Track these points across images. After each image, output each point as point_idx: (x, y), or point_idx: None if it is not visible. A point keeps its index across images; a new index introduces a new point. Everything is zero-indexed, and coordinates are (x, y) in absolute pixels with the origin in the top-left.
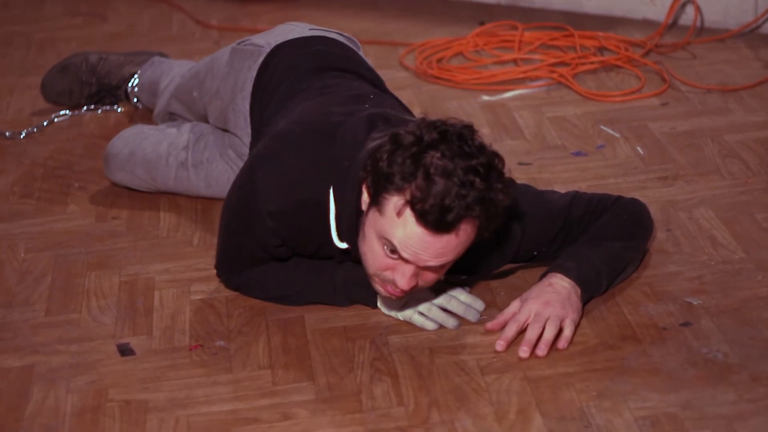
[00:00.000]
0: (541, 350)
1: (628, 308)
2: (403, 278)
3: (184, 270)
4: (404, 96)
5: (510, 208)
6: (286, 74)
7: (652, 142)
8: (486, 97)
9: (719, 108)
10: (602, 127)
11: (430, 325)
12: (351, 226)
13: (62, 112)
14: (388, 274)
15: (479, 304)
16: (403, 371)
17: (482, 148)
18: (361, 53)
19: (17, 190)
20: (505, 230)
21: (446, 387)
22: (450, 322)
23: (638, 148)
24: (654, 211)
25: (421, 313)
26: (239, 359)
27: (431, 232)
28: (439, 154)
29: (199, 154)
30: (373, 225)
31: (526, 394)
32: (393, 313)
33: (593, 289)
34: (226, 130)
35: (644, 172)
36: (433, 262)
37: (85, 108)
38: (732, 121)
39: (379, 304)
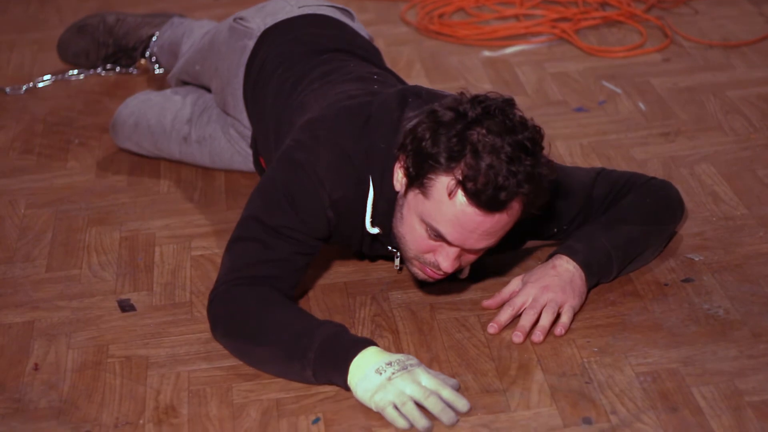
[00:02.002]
0: (537, 336)
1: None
2: (447, 260)
3: (184, 226)
4: (405, 52)
5: (554, 183)
6: (278, 61)
7: (654, 98)
8: (487, 53)
9: (721, 64)
10: (604, 82)
11: (401, 423)
12: (389, 211)
13: (71, 72)
14: (429, 257)
15: (462, 405)
16: (404, 327)
17: (524, 123)
18: (355, 25)
19: (17, 146)
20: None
21: (447, 343)
22: (420, 423)
23: (640, 104)
24: (656, 167)
25: (395, 407)
26: None
27: (483, 211)
28: (484, 131)
29: (202, 129)
30: (415, 208)
31: (527, 350)
32: (365, 400)
33: (601, 274)
34: (226, 113)
35: (646, 128)
36: (479, 245)
37: (100, 69)
38: (734, 76)
39: (354, 384)
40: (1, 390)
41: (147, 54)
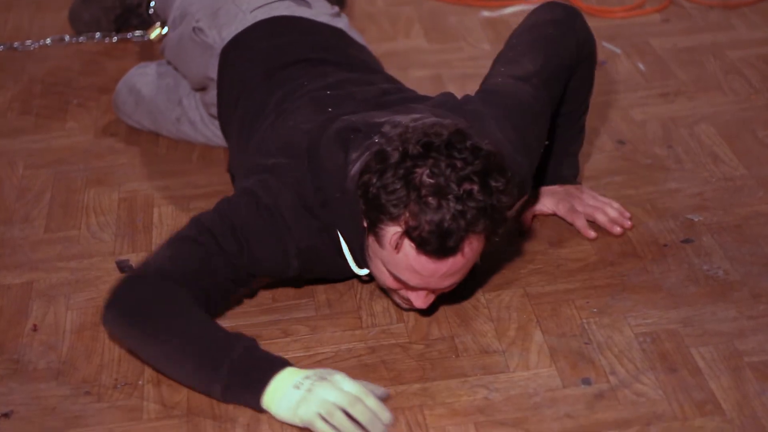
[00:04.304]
0: (627, 223)
1: None
2: (417, 300)
3: (183, 187)
4: (405, 12)
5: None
6: (240, 88)
7: (654, 59)
8: (486, 13)
9: (721, 24)
10: (604, 43)
11: None
12: (364, 255)
13: (81, 38)
14: (403, 293)
15: (386, 416)
16: None
17: (475, 151)
18: (312, 11)
19: (16, 107)
20: (515, 171)
21: (446, 303)
22: None
23: (640, 65)
24: (655, 127)
25: (325, 420)
26: None
27: (434, 258)
28: (428, 171)
29: (193, 112)
30: (376, 253)
31: (526, 310)
32: (289, 418)
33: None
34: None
35: (645, 89)
36: (443, 284)
37: (115, 37)
38: (734, 37)
39: (274, 405)
40: None
41: (150, 11)
